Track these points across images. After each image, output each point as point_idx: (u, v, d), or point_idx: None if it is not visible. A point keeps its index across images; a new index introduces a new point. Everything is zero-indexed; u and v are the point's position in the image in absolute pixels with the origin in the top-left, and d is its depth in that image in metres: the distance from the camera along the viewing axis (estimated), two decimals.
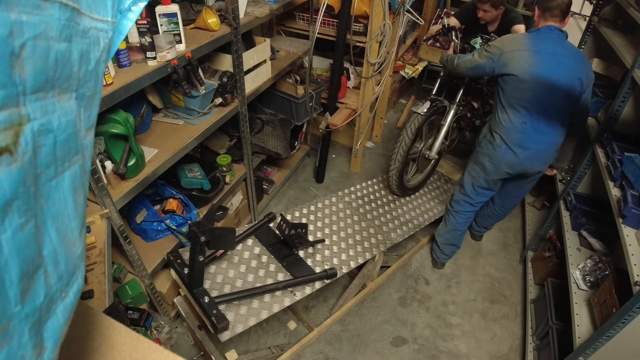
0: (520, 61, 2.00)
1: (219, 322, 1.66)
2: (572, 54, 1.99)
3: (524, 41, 2.04)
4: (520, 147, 2.12)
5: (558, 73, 1.98)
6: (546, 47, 1.99)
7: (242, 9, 1.96)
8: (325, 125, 2.89)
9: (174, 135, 1.90)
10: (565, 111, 2.05)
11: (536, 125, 2.07)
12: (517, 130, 2.09)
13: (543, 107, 2.03)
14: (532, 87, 2.00)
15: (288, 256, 2.13)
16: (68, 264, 0.40)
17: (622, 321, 1.44)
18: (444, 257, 2.68)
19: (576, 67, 1.98)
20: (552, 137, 2.12)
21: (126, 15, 0.51)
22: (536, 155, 2.15)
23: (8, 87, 0.29)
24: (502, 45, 2.08)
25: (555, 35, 2.00)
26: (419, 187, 2.98)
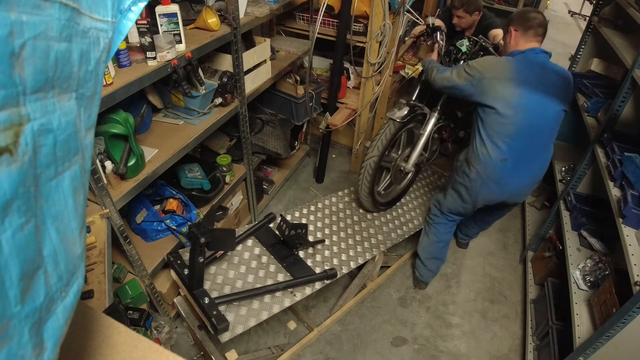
0: (502, 92, 1.81)
1: (219, 323, 1.66)
2: (559, 80, 1.84)
3: (508, 67, 1.82)
4: (499, 184, 1.97)
5: (545, 106, 1.82)
6: (533, 75, 1.81)
7: (242, 9, 1.96)
8: (325, 125, 2.89)
9: (174, 135, 1.90)
10: (550, 143, 1.94)
11: (518, 161, 1.90)
12: (495, 167, 1.92)
13: (527, 143, 1.87)
14: (515, 122, 1.82)
15: (288, 257, 2.13)
16: (68, 264, 0.40)
17: (622, 321, 1.44)
18: (428, 273, 2.48)
19: (562, 96, 1.84)
20: (534, 173, 1.99)
21: (126, 15, 0.51)
22: (516, 191, 2.03)
23: (8, 87, 0.29)
24: (483, 69, 1.86)
25: (542, 59, 1.84)
26: (394, 202, 2.73)
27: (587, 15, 5.85)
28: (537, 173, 2.01)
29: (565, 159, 2.81)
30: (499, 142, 1.88)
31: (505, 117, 1.82)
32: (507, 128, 1.85)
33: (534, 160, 1.95)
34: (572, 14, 8.04)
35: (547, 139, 1.92)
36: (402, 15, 2.89)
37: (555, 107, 1.84)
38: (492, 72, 1.84)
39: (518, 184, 2.00)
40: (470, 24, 2.67)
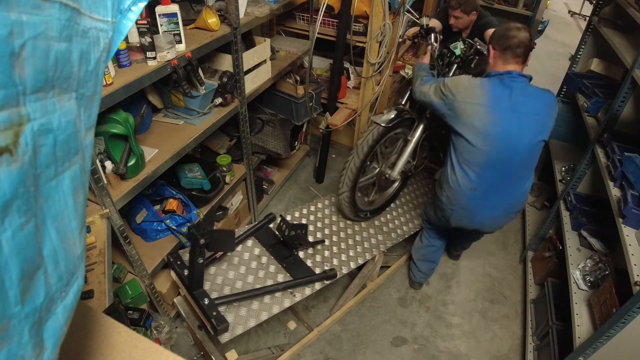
0: (472, 118, 1.69)
1: (219, 324, 1.66)
2: (538, 107, 1.69)
3: (480, 92, 1.69)
4: (468, 212, 1.88)
5: (518, 137, 1.68)
6: (507, 101, 1.67)
7: (242, 9, 1.96)
8: (325, 125, 2.89)
9: (174, 135, 1.90)
10: (525, 175, 1.81)
11: (488, 192, 1.79)
12: (464, 195, 1.82)
13: (498, 174, 1.76)
14: (485, 152, 1.70)
15: (288, 257, 2.13)
16: (68, 264, 0.40)
17: (622, 321, 1.44)
18: (421, 275, 2.46)
19: (541, 125, 1.70)
20: (507, 205, 1.87)
21: (126, 15, 0.51)
22: (487, 221, 1.93)
23: (8, 87, 0.29)
24: (456, 90, 1.74)
25: (519, 84, 1.68)
26: (379, 211, 2.60)
27: (587, 15, 5.85)
28: (511, 206, 1.88)
29: (565, 159, 2.81)
30: (469, 170, 1.77)
31: (475, 145, 1.71)
32: (476, 157, 1.74)
33: (507, 192, 1.82)
34: (572, 14, 8.05)
35: (521, 171, 1.79)
36: (402, 15, 2.89)
37: (530, 139, 1.70)
38: (464, 95, 1.71)
39: (488, 215, 1.89)
40: (467, 25, 2.63)
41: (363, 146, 2.17)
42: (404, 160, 2.29)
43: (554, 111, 1.76)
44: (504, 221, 1.97)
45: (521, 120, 1.67)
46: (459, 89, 1.73)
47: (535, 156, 1.78)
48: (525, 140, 1.70)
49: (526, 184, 1.84)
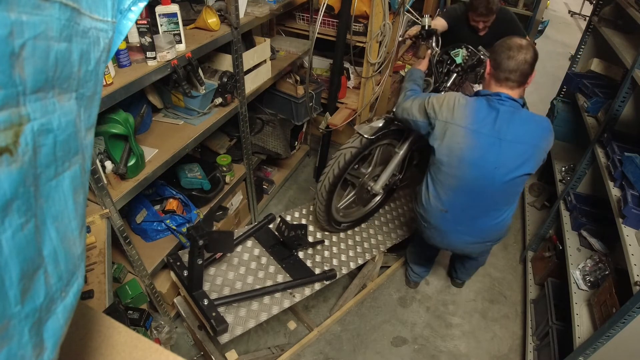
0: (450, 140, 1.58)
1: (218, 325, 1.66)
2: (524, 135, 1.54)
3: (463, 113, 1.56)
4: (440, 233, 1.81)
5: (496, 164, 1.54)
6: (489, 125, 1.53)
7: (242, 9, 1.96)
8: (325, 125, 2.89)
9: (174, 135, 1.90)
10: (502, 207, 1.69)
11: (459, 217, 1.71)
12: (436, 216, 1.76)
13: (471, 202, 1.65)
14: (458, 176, 1.61)
15: (287, 258, 2.13)
16: (68, 264, 0.40)
17: (622, 321, 1.44)
18: (416, 276, 2.48)
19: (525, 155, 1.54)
20: (481, 234, 1.77)
21: (126, 15, 0.51)
22: (459, 246, 1.85)
23: (8, 87, 0.29)
24: (439, 108, 1.62)
25: (507, 108, 1.53)
26: (354, 225, 2.44)
27: (587, 15, 5.85)
28: (484, 235, 1.79)
29: (565, 159, 2.81)
30: (441, 191, 1.70)
31: (449, 167, 1.62)
32: (449, 180, 1.65)
33: (479, 221, 1.72)
34: (572, 14, 8.05)
35: (496, 202, 1.67)
36: (402, 15, 2.89)
37: (510, 170, 1.55)
38: (447, 115, 1.59)
39: (460, 240, 1.81)
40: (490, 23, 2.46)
41: (342, 158, 2.01)
42: (389, 174, 2.14)
43: (545, 142, 1.58)
44: (479, 248, 1.87)
45: (502, 148, 1.53)
46: (442, 108, 1.61)
47: (514, 190, 1.64)
48: (503, 170, 1.56)
49: (502, 216, 1.71)
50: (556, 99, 3.09)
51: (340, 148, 2.05)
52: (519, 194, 1.69)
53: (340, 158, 2.02)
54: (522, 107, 1.57)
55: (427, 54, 2.14)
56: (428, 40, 2.18)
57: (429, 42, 2.17)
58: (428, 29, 2.15)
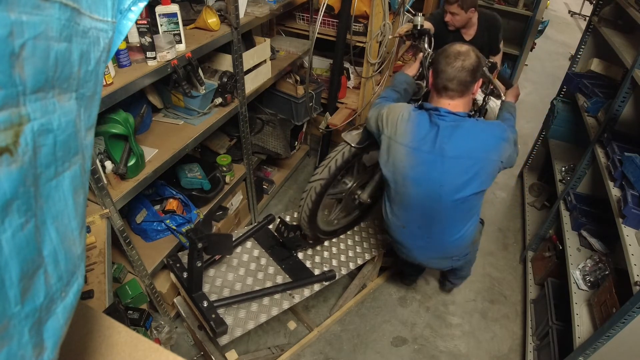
0: (393, 157, 1.52)
1: (218, 327, 1.65)
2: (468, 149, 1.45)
3: (407, 129, 1.49)
4: (404, 247, 1.79)
5: (442, 181, 1.48)
6: (430, 142, 1.46)
7: (242, 9, 1.96)
8: (325, 125, 2.89)
9: (174, 135, 1.90)
10: (457, 224, 1.62)
11: (416, 233, 1.68)
12: (396, 231, 1.73)
13: (423, 219, 1.61)
14: (408, 193, 1.56)
15: (287, 258, 2.13)
16: (68, 264, 0.40)
17: (622, 321, 1.44)
18: (410, 276, 2.46)
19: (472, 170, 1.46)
20: (439, 249, 1.73)
21: (126, 15, 0.51)
22: (425, 261, 1.83)
23: (8, 87, 0.29)
24: (386, 122, 1.55)
25: (447, 124, 1.45)
26: (339, 233, 2.36)
27: (587, 15, 5.85)
28: (447, 251, 1.74)
29: (565, 159, 2.81)
30: (395, 208, 1.66)
31: (396, 185, 1.57)
32: (399, 197, 1.61)
33: (436, 237, 1.67)
34: (572, 14, 8.05)
35: (449, 220, 1.60)
36: (402, 15, 2.89)
37: (456, 187, 1.48)
38: (390, 130, 1.52)
39: (423, 255, 1.78)
40: (464, 23, 2.46)
41: (328, 169, 1.92)
42: (377, 182, 2.07)
43: (496, 153, 1.46)
44: (445, 263, 1.84)
45: (445, 165, 1.46)
46: (388, 122, 1.54)
47: (468, 207, 1.56)
48: (449, 188, 1.49)
49: (460, 232, 1.64)
50: (556, 99, 3.09)
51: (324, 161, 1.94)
52: (476, 211, 1.61)
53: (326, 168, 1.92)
54: (465, 119, 1.48)
55: (418, 57, 2.03)
56: (419, 41, 2.06)
57: (420, 43, 2.05)
58: (420, 29, 2.03)
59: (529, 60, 4.93)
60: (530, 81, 5.18)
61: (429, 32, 2.06)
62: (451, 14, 2.41)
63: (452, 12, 2.39)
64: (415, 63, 2.00)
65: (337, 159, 1.91)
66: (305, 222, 2.07)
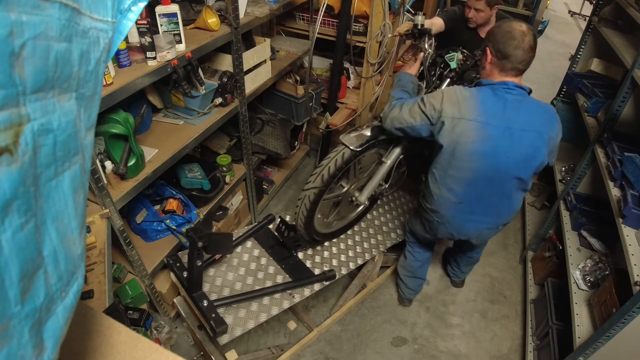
0: (460, 134, 1.53)
1: (218, 326, 1.66)
2: (533, 123, 1.53)
3: (471, 106, 1.52)
4: (455, 226, 1.79)
5: (509, 153, 1.53)
6: (499, 116, 1.51)
7: (242, 9, 1.96)
8: (325, 125, 2.89)
9: (174, 135, 1.90)
10: (516, 191, 1.67)
11: (474, 207, 1.70)
12: (450, 209, 1.73)
13: (485, 191, 1.65)
14: (472, 168, 1.58)
15: (287, 258, 2.13)
16: (68, 264, 0.40)
17: (622, 321, 1.44)
18: (410, 292, 2.38)
19: (536, 143, 1.54)
20: (496, 218, 1.77)
21: (126, 15, 0.51)
22: (475, 233, 1.84)
23: (8, 87, 0.29)
24: (441, 105, 1.55)
25: (515, 97, 1.51)
26: (337, 234, 2.33)
27: (587, 15, 5.85)
28: (499, 219, 1.79)
29: (565, 159, 2.81)
30: (454, 185, 1.66)
31: (462, 161, 1.58)
32: (462, 173, 1.61)
33: (494, 207, 1.72)
34: (572, 14, 8.04)
35: (510, 188, 1.65)
36: (402, 15, 2.89)
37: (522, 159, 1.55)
38: (452, 109, 1.53)
39: (476, 228, 1.80)
40: (486, 20, 2.35)
41: (324, 173, 1.87)
42: (374, 184, 2.06)
43: (554, 131, 1.58)
44: (492, 233, 1.89)
45: (513, 137, 1.52)
46: (445, 105, 1.54)
47: (527, 176, 1.62)
48: (515, 158, 1.55)
49: (516, 199, 1.72)
50: (556, 99, 3.09)
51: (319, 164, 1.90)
52: (530, 180, 1.67)
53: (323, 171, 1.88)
54: (527, 95, 1.56)
55: (418, 57, 2.00)
56: (420, 40, 2.02)
57: (420, 43, 2.02)
58: (420, 28, 1.99)
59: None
60: (530, 81, 5.18)
61: (429, 32, 2.02)
62: (475, 10, 2.31)
63: (477, 8, 2.30)
64: (416, 63, 1.98)
65: (329, 166, 1.87)
66: (302, 227, 2.06)
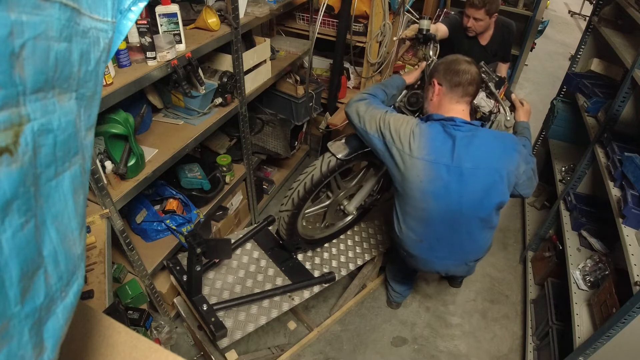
0: (409, 171, 1.47)
1: (217, 330, 1.65)
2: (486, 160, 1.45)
3: (419, 143, 1.45)
4: (419, 260, 1.75)
5: (462, 192, 1.47)
6: (447, 154, 1.44)
7: (242, 9, 1.96)
8: (325, 125, 2.89)
9: (174, 135, 1.90)
10: (482, 228, 1.60)
11: (434, 245, 1.65)
12: (412, 246, 1.69)
13: (445, 231, 1.59)
14: (425, 208, 1.53)
15: (287, 260, 2.12)
16: (68, 264, 0.40)
17: (622, 321, 1.44)
18: (397, 295, 2.35)
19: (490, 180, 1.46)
20: (460, 256, 1.71)
21: (126, 15, 0.51)
22: (444, 269, 1.79)
23: (8, 87, 0.29)
24: (396, 135, 1.48)
25: (464, 134, 1.45)
26: (319, 243, 2.22)
27: (587, 15, 5.85)
28: (467, 256, 1.73)
29: (565, 159, 2.81)
30: (412, 223, 1.61)
31: (414, 200, 1.52)
32: (417, 212, 1.56)
33: (459, 245, 1.66)
34: (572, 14, 8.04)
35: (473, 230, 1.59)
36: (402, 15, 2.89)
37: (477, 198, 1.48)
38: (404, 144, 1.47)
39: (442, 264, 1.75)
40: (485, 29, 2.38)
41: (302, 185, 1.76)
42: (364, 194, 1.98)
43: (510, 164, 1.46)
44: (463, 269, 1.82)
45: (464, 176, 1.45)
46: (399, 135, 1.48)
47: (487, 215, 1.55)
48: (469, 198, 1.48)
49: (482, 238, 1.65)
50: (556, 99, 3.09)
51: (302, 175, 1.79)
52: (496, 221, 1.61)
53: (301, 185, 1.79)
54: (479, 128, 1.49)
55: (421, 65, 1.90)
56: (425, 46, 1.94)
57: (425, 49, 1.94)
58: (426, 33, 1.90)
59: (529, 60, 4.93)
60: (530, 81, 5.18)
61: (435, 38, 1.93)
62: (474, 20, 2.32)
63: (476, 17, 2.30)
64: (417, 71, 1.90)
65: (298, 190, 1.76)
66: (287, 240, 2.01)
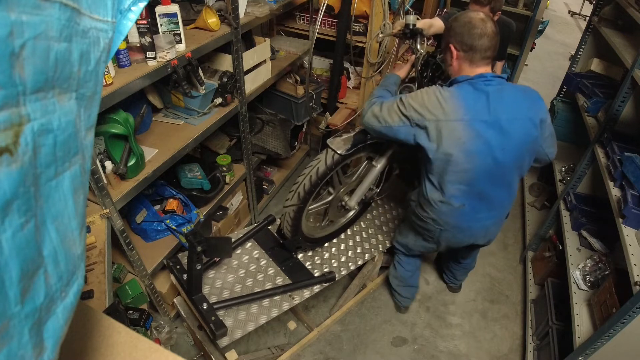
0: (449, 137, 1.46)
1: (217, 329, 1.65)
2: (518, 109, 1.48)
3: (454, 104, 1.45)
4: (459, 229, 1.74)
5: (504, 145, 1.49)
6: (484, 110, 1.45)
7: (242, 9, 1.96)
8: (325, 125, 2.89)
9: (174, 135, 1.90)
10: (517, 177, 1.64)
11: (478, 205, 1.65)
12: (452, 214, 1.67)
13: (487, 188, 1.60)
14: (470, 169, 1.52)
15: (287, 260, 2.12)
16: (68, 264, 0.40)
17: (622, 321, 1.44)
18: (405, 299, 2.35)
19: (526, 127, 1.50)
20: (499, 211, 1.74)
21: (126, 15, 0.51)
22: (481, 233, 1.80)
23: (8, 87, 0.29)
24: (422, 108, 1.47)
25: (495, 87, 1.46)
26: (321, 242, 2.24)
27: (587, 15, 5.85)
28: (503, 210, 1.76)
29: (565, 159, 2.81)
30: (452, 189, 1.59)
31: (457, 164, 1.51)
32: (461, 175, 1.55)
33: (498, 199, 1.67)
34: (572, 14, 8.04)
35: (511, 179, 1.63)
36: (402, 15, 2.88)
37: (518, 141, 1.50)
38: (435, 112, 1.46)
39: (483, 226, 1.76)
40: None
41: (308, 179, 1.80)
42: (365, 189, 2.01)
43: (540, 112, 1.52)
44: (497, 229, 1.86)
45: (503, 129, 1.47)
46: (426, 106, 1.47)
47: (527, 165, 1.62)
48: (511, 150, 1.51)
49: (515, 187, 1.69)
50: (556, 99, 3.09)
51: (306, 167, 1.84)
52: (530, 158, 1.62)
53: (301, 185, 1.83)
54: (505, 81, 1.51)
55: (410, 58, 1.93)
56: (412, 41, 1.94)
57: (412, 43, 1.94)
58: (412, 28, 1.88)
59: (529, 60, 4.93)
60: (530, 81, 5.18)
61: (422, 32, 1.93)
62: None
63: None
64: (407, 65, 1.92)
65: (304, 183, 1.81)
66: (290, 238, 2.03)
